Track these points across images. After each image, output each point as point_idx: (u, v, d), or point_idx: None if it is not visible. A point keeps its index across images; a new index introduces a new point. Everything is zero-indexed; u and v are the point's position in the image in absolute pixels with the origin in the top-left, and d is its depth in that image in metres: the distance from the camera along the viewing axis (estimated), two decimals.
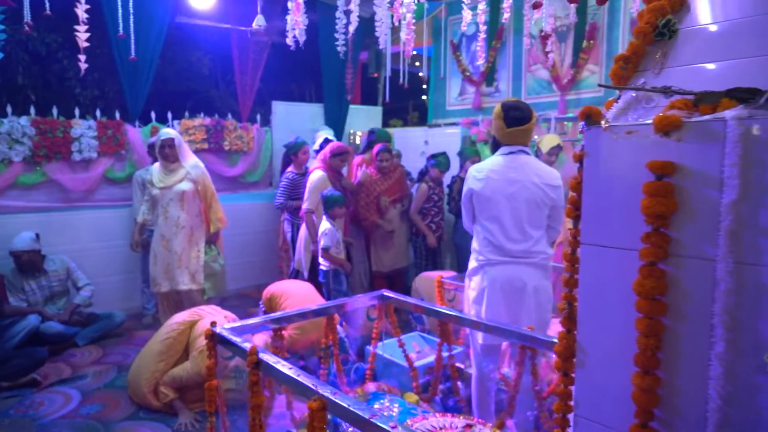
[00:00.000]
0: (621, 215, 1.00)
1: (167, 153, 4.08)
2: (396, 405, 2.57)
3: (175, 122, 5.35)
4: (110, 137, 4.87)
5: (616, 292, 1.01)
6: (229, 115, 5.69)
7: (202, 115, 5.49)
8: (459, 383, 3.19)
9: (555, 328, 3.48)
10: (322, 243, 4.04)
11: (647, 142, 0.96)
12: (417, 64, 6.48)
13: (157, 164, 4.22)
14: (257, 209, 5.85)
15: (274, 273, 5.65)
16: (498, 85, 5.65)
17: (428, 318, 4.06)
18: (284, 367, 2.06)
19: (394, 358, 3.35)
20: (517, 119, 2.62)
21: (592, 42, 4.84)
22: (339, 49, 3.71)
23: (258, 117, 5.98)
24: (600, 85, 1.17)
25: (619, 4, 4.64)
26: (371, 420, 1.64)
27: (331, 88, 6.44)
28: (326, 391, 1.83)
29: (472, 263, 2.75)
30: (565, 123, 4.94)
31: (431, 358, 3.41)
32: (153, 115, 5.19)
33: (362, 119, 6.90)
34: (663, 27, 1.11)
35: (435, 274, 4.46)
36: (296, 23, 3.09)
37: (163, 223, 4.10)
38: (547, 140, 3.94)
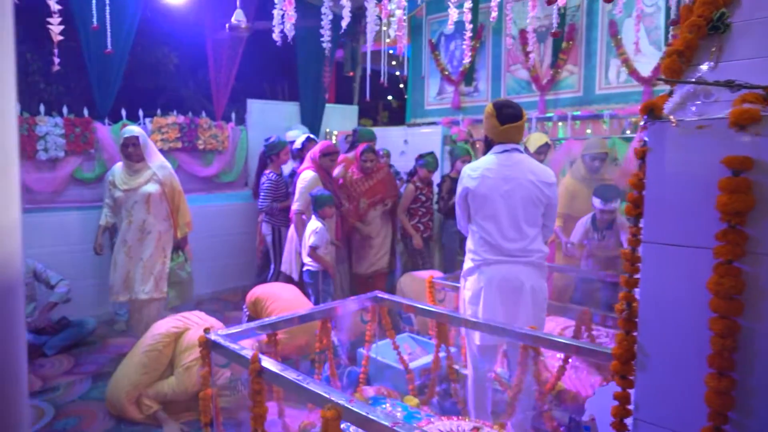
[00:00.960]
0: (690, 212, 0.97)
1: (131, 152, 3.83)
2: (399, 409, 2.51)
3: (147, 120, 5.14)
4: (78, 135, 4.63)
5: (684, 291, 0.98)
6: (203, 113, 5.51)
7: (175, 112, 5.29)
8: (455, 385, 3.16)
9: (547, 327, 3.50)
10: (310, 241, 3.95)
11: (720, 137, 0.93)
12: (393, 63, 6.44)
13: (120, 164, 3.97)
14: (233, 210, 5.68)
15: (251, 275, 5.51)
16: (477, 84, 5.66)
17: (417, 318, 4.01)
18: (291, 375, 1.98)
19: (387, 360, 3.29)
20: (510, 116, 2.64)
21: (571, 43, 4.90)
22: (324, 45, 3.61)
23: (233, 115, 5.81)
24: (659, 80, 1.14)
25: (597, 6, 4.71)
26: (394, 428, 1.58)
27: (307, 87, 6.33)
28: (341, 399, 1.76)
29: (468, 263, 2.71)
30: (546, 123, 4.99)
31: (425, 360, 3.37)
32: (123, 112, 4.96)
33: (338, 118, 6.81)
34: (717, 20, 1.09)
35: (422, 274, 4.43)
36: (289, 17, 2.99)
37: (126, 228, 3.87)
38: (535, 139, 3.95)
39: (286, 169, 4.85)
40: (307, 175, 4.26)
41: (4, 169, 0.62)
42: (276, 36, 3.31)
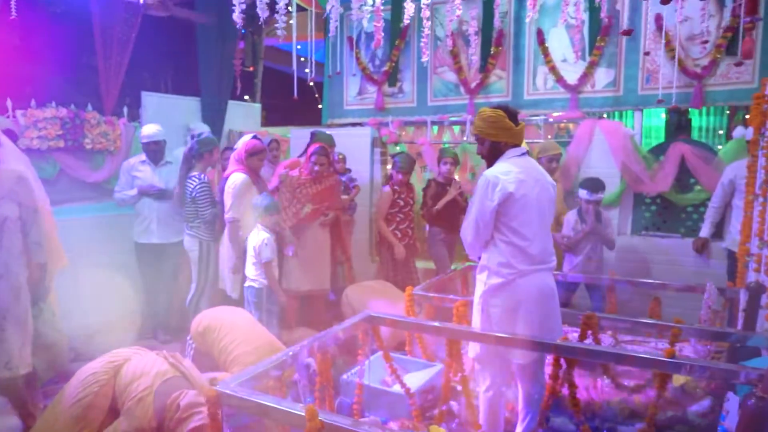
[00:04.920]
0: None
1: None
2: None
3: (19, 112, 4.10)
4: None
5: None
6: (89, 106, 4.57)
7: (54, 104, 4.30)
8: (454, 403, 2.96)
9: None
10: (263, 255, 3.49)
11: None
12: (302, 59, 5.99)
13: None
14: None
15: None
16: (402, 85, 5.50)
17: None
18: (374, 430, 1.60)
19: (378, 385, 2.96)
20: (517, 115, 2.57)
21: (500, 48, 4.99)
22: (279, 33, 3.16)
23: (125, 110, 4.92)
24: None
25: (525, 13, 4.85)
26: None
27: (209, 81, 5.62)
28: None
29: (495, 279, 2.43)
30: None
31: (414, 379, 3.10)
32: None
33: (240, 117, 6.18)
34: None
35: (371, 284, 4.13)
36: None
37: None
38: None
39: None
40: (237, 179, 3.77)
41: None
42: (236, 17, 2.79)
